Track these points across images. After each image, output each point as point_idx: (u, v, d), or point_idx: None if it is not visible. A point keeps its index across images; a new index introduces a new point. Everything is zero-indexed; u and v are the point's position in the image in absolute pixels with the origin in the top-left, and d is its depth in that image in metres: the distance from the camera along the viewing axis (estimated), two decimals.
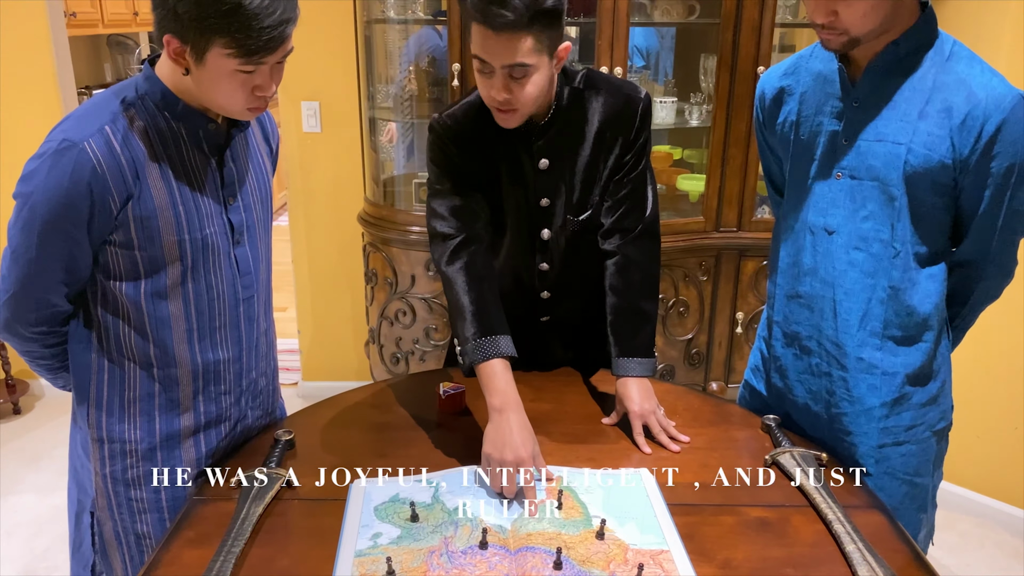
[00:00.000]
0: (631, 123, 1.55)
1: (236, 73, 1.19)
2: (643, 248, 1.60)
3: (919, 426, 1.50)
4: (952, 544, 2.65)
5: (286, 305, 4.31)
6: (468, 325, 1.48)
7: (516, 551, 1.20)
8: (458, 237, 1.53)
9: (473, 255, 1.53)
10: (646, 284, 1.60)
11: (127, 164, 1.22)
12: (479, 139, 1.54)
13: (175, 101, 1.27)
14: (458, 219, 1.54)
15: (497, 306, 1.51)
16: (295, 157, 3.22)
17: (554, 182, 1.57)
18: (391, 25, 3.10)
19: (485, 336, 1.46)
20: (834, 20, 1.31)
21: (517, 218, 1.61)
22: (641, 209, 1.59)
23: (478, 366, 1.45)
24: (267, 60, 1.20)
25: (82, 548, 1.46)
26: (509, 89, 1.38)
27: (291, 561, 1.20)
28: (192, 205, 1.30)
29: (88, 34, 5.02)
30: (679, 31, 3.31)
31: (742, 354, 3.05)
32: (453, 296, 1.51)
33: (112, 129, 1.22)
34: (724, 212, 2.92)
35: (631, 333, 1.57)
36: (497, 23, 1.30)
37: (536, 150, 1.55)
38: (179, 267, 1.31)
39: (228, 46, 1.15)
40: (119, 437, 1.38)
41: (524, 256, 1.66)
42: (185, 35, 1.16)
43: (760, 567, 1.19)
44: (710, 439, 1.54)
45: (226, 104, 1.25)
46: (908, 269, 1.43)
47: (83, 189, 1.19)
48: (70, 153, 1.18)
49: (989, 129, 1.30)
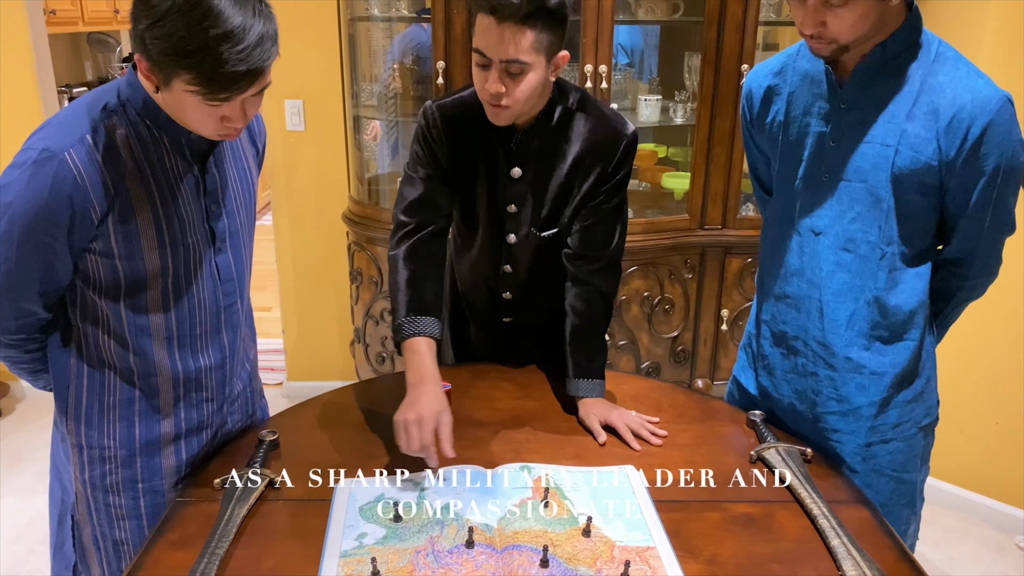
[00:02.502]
0: (611, 156, 1.55)
1: (202, 104, 1.14)
2: (606, 279, 1.65)
3: (906, 423, 1.51)
4: (936, 539, 2.67)
5: (270, 305, 4.29)
6: (400, 306, 1.54)
7: (502, 550, 1.20)
8: (407, 227, 1.59)
9: (420, 240, 1.58)
10: (606, 313, 1.66)
11: (108, 174, 1.20)
12: (464, 134, 1.56)
13: (157, 110, 1.23)
14: (419, 210, 1.59)
15: (432, 288, 1.57)
16: (279, 156, 3.20)
17: (523, 191, 1.59)
18: (375, 23, 3.08)
19: (413, 315, 1.52)
20: (822, 30, 1.31)
21: (487, 219, 1.65)
22: (606, 243, 1.62)
23: (404, 343, 1.50)
24: (234, 98, 1.14)
25: (64, 548, 1.45)
26: (504, 84, 1.40)
27: (276, 562, 1.19)
28: (174, 215, 1.28)
29: (68, 32, 4.96)
30: (663, 29, 3.31)
31: (727, 351, 3.06)
32: (393, 278, 1.58)
33: (93, 138, 1.19)
34: (709, 210, 2.93)
35: (590, 357, 1.62)
36: (503, 12, 1.33)
37: (512, 156, 1.56)
38: (160, 276, 1.29)
39: (191, 83, 1.10)
40: (98, 443, 1.36)
41: (491, 256, 1.70)
42: (151, 61, 1.11)
43: (746, 563, 1.19)
44: (695, 435, 1.54)
45: (194, 128, 1.21)
46: (895, 269, 1.43)
47: (63, 201, 1.16)
48: (50, 164, 1.15)
49: (975, 131, 1.31)
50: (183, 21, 1.05)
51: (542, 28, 1.36)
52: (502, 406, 1.63)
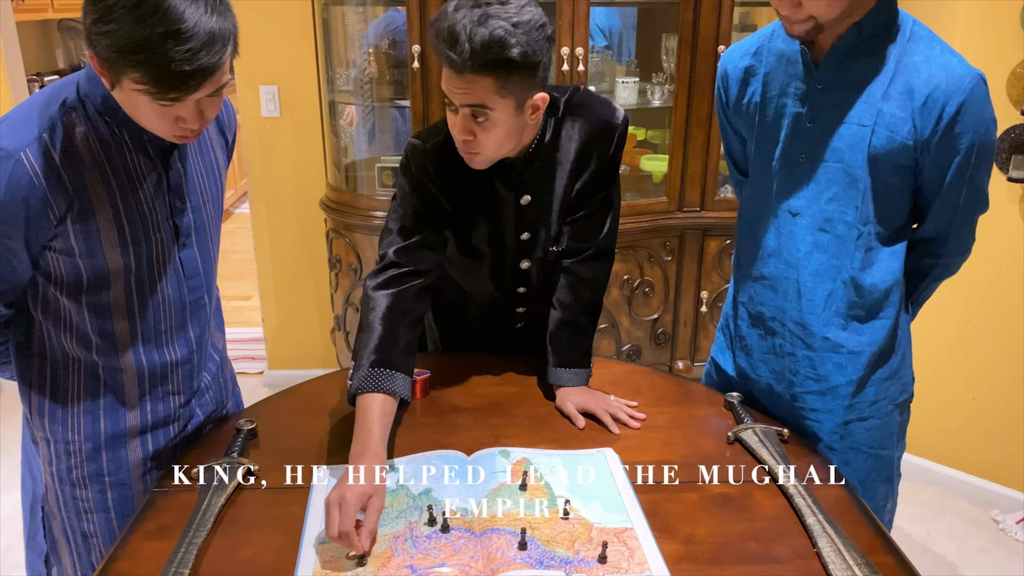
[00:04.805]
0: (607, 148, 1.52)
1: (152, 104, 1.09)
2: (594, 268, 1.61)
3: (882, 400, 1.53)
4: (913, 514, 2.71)
5: (250, 293, 4.27)
6: (370, 349, 1.39)
7: (481, 533, 1.20)
8: (399, 269, 1.47)
9: (406, 290, 1.46)
10: (592, 303, 1.63)
11: (66, 174, 1.16)
12: (457, 171, 1.47)
13: (116, 106, 1.17)
14: (408, 252, 1.48)
15: (408, 346, 1.44)
16: (254, 143, 3.17)
17: (536, 216, 1.55)
18: (349, 7, 3.05)
19: (381, 367, 1.38)
20: (798, 11, 1.31)
21: (498, 251, 1.59)
22: (597, 230, 1.59)
23: (360, 397, 1.35)
24: (185, 99, 1.08)
25: (36, 538, 1.44)
26: (471, 131, 1.35)
27: (254, 551, 1.18)
28: (135, 212, 1.24)
29: (37, 19, 4.88)
30: (641, 10, 3.30)
31: (707, 333, 3.08)
32: (368, 317, 1.44)
33: (51, 137, 1.14)
34: (687, 192, 2.94)
35: (570, 346, 1.60)
36: (455, 66, 1.28)
37: (518, 186, 1.51)
38: (122, 273, 1.26)
39: (138, 82, 1.05)
40: (63, 437, 1.35)
41: (502, 282, 1.65)
42: (100, 59, 1.06)
43: (722, 542, 1.21)
44: (673, 418, 1.55)
45: (150, 129, 1.16)
46: (871, 249, 1.44)
47: (19, 202, 1.13)
48: (5, 164, 1.11)
49: (950, 110, 1.31)
50: (129, 17, 1.01)
51: (504, 75, 1.29)
52: (481, 392, 1.63)
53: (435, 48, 1.30)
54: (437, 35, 1.29)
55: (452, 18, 1.27)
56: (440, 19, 1.29)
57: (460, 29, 1.25)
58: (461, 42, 1.25)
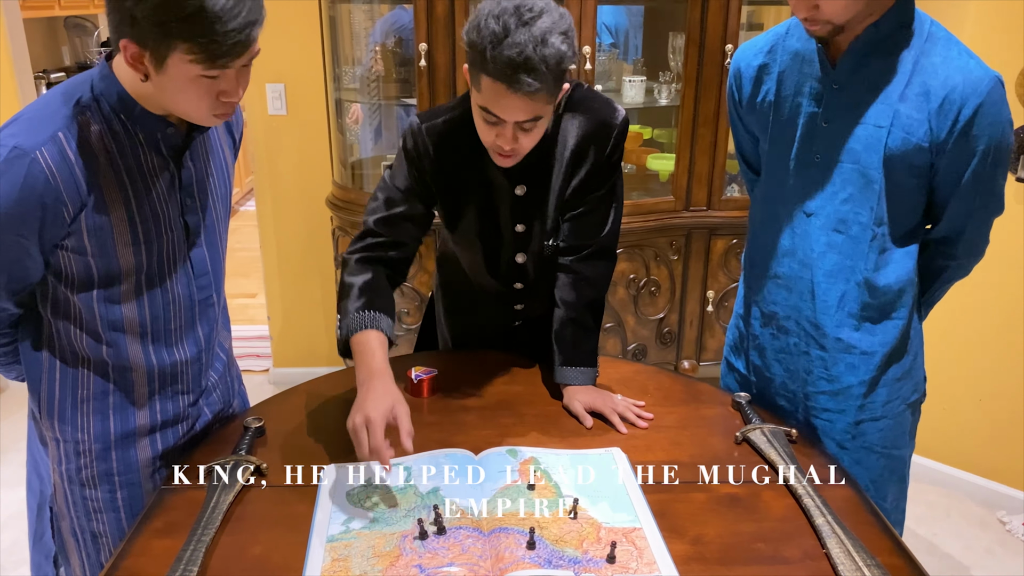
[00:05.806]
0: (604, 146, 1.51)
1: (200, 79, 1.12)
2: (596, 267, 1.61)
3: (895, 400, 1.52)
4: (919, 515, 2.70)
5: (255, 291, 4.27)
6: (352, 300, 1.45)
7: (489, 532, 1.20)
8: (375, 238, 1.51)
9: (381, 259, 1.51)
10: (596, 301, 1.62)
11: (81, 173, 1.17)
12: (455, 159, 1.49)
13: (132, 105, 1.20)
14: (388, 223, 1.52)
15: (389, 301, 1.48)
16: (261, 140, 3.17)
17: (531, 207, 1.55)
18: (356, 5, 3.05)
19: (368, 310, 1.43)
20: (816, 13, 1.31)
21: (493, 241, 1.59)
22: (598, 228, 1.58)
23: (354, 336, 1.41)
24: (232, 65, 1.12)
25: (43, 539, 1.44)
26: (517, 140, 1.36)
27: (263, 548, 1.19)
28: (148, 211, 1.25)
29: (44, 16, 4.88)
30: (648, 9, 3.30)
31: (713, 332, 3.08)
32: (345, 280, 1.49)
33: (66, 136, 1.15)
34: (694, 191, 2.93)
35: (575, 343, 1.59)
36: (524, 90, 1.26)
37: (514, 176, 1.52)
38: (133, 272, 1.27)
39: (190, 51, 1.07)
40: (72, 437, 1.35)
41: (498, 277, 1.65)
42: (144, 40, 1.08)
43: (731, 542, 1.20)
44: (681, 418, 1.55)
45: (189, 111, 1.18)
46: (884, 250, 1.44)
47: (35, 199, 1.14)
48: (21, 162, 1.12)
49: (966, 112, 1.31)
50: None
51: (561, 83, 1.33)
52: (489, 391, 1.63)
53: (504, 75, 1.26)
54: (495, 60, 1.25)
55: (515, 42, 1.23)
56: (494, 42, 1.24)
57: (531, 54, 1.23)
58: (537, 68, 1.24)
